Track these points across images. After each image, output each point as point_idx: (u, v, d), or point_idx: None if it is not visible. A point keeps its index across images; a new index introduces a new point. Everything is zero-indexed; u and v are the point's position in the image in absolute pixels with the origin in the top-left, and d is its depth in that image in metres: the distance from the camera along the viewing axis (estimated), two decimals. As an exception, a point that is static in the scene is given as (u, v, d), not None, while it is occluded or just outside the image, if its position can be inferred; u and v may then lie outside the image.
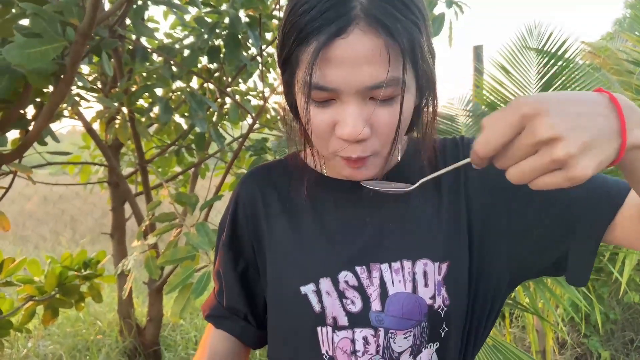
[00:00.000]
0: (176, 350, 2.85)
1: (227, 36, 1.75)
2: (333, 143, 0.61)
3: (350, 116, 0.57)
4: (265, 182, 0.76)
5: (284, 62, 0.62)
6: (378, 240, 0.68)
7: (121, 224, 2.58)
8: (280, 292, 0.69)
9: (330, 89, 0.56)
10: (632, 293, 3.14)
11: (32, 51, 0.89)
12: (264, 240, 0.73)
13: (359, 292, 0.65)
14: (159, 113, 1.69)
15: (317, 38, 0.54)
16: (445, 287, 0.65)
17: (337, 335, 0.65)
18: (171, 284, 1.55)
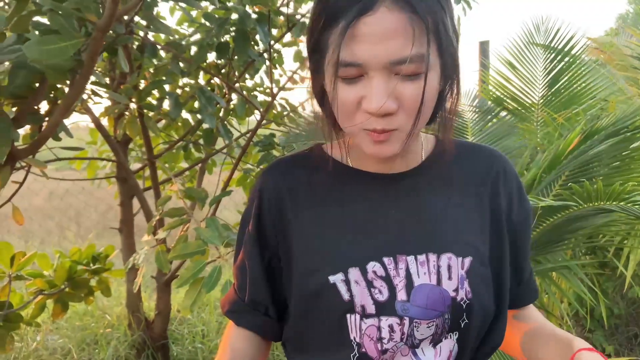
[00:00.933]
0: (183, 344, 2.87)
1: (236, 32, 1.76)
2: (359, 118, 0.63)
3: (376, 89, 0.59)
4: (289, 175, 0.77)
5: (312, 49, 0.65)
6: (404, 233, 0.70)
7: (129, 219, 2.60)
8: (309, 282, 0.71)
9: (358, 64, 0.59)
10: (637, 288, 3.16)
11: (51, 47, 0.90)
12: (290, 232, 0.74)
13: (386, 282, 0.68)
14: (169, 108, 1.71)
15: (345, 17, 0.57)
16: (467, 280, 0.68)
17: (364, 322, 0.67)
18: (182, 277, 1.57)
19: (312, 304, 0.71)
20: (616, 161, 1.81)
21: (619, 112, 1.71)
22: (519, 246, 0.77)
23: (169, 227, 1.80)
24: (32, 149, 1.26)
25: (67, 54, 0.91)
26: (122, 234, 2.62)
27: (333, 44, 0.60)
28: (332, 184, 0.75)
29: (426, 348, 0.69)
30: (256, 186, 0.80)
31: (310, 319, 0.72)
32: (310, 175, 0.76)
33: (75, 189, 3.43)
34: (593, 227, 1.72)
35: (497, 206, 0.75)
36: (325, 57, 0.63)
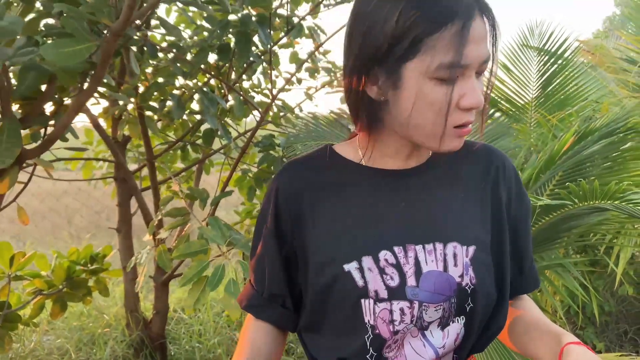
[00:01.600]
0: (181, 344, 2.89)
1: (238, 34, 1.79)
2: (454, 115, 0.68)
3: (476, 87, 0.67)
4: (303, 174, 0.82)
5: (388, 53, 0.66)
6: (413, 224, 0.75)
7: (127, 219, 2.61)
8: (325, 271, 0.75)
9: (465, 66, 0.65)
10: (627, 285, 3.22)
11: (67, 50, 0.92)
12: (306, 225, 0.79)
13: (397, 269, 0.73)
14: (171, 109, 1.73)
15: (455, 23, 0.63)
16: (472, 267, 0.74)
17: (378, 306, 0.72)
18: (186, 276, 1.58)
19: (328, 292, 0.75)
20: (609, 162, 1.86)
21: (612, 114, 1.76)
22: (520, 236, 0.83)
23: (171, 227, 1.82)
24: (40, 150, 1.27)
25: (82, 57, 0.93)
26: (120, 235, 2.62)
27: (437, 47, 0.63)
28: (345, 180, 0.80)
29: (435, 330, 0.74)
30: (273, 185, 0.83)
31: (327, 306, 0.76)
32: (324, 174, 0.81)
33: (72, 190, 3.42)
34: (587, 226, 1.77)
35: (497, 199, 0.80)
36: (409, 61, 0.65)
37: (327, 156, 0.83)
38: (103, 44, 1.00)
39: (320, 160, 0.83)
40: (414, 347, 0.74)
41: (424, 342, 0.74)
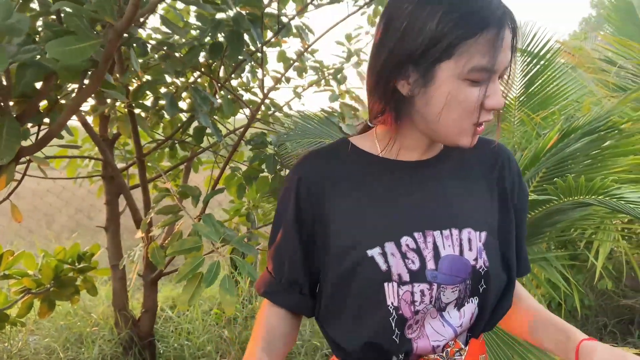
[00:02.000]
0: (169, 342, 2.89)
1: (230, 32, 1.80)
2: (475, 115, 0.74)
3: (499, 90, 0.74)
4: (323, 164, 0.87)
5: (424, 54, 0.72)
6: (430, 211, 0.81)
7: (115, 217, 2.60)
8: (348, 257, 0.80)
9: (496, 70, 0.72)
10: (606, 280, 3.32)
11: (72, 48, 0.93)
12: (328, 214, 0.83)
13: (417, 253, 0.78)
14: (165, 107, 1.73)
15: (489, 30, 0.70)
16: (485, 251, 0.81)
17: (401, 289, 0.77)
18: (181, 273, 1.59)
19: (351, 277, 0.80)
20: (589, 159, 1.93)
21: (594, 113, 1.83)
22: (519, 225, 0.90)
23: (164, 224, 1.83)
24: (37, 147, 1.28)
25: (87, 54, 0.95)
26: (108, 233, 2.62)
27: (474, 50, 0.70)
28: (365, 171, 0.85)
29: (452, 311, 0.80)
30: (292, 175, 0.87)
31: (349, 290, 0.81)
32: (343, 165, 0.86)
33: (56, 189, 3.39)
34: (570, 221, 1.83)
35: (503, 189, 0.88)
36: (444, 61, 0.71)
37: (345, 148, 0.88)
38: (106, 42, 1.02)
39: (339, 152, 0.88)
40: (434, 327, 0.80)
41: (443, 322, 0.80)
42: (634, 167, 1.97)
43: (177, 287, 3.76)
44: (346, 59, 2.80)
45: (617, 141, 1.90)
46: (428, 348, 0.80)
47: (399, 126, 0.82)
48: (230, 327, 2.97)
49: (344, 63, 2.80)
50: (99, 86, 1.12)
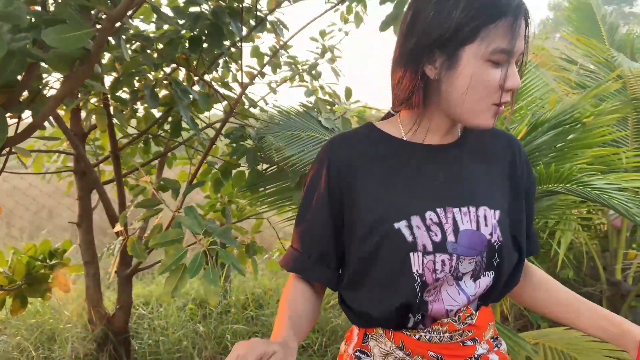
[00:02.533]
0: (143, 339, 2.87)
1: (210, 26, 1.81)
2: (494, 95, 0.83)
3: (516, 72, 0.83)
4: (352, 147, 0.95)
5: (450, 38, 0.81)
6: (451, 190, 0.90)
7: (88, 213, 2.56)
8: (376, 230, 0.87)
9: (513, 53, 0.81)
10: (567, 269, 3.48)
11: (68, 36, 0.94)
12: (357, 192, 0.91)
13: (439, 227, 0.87)
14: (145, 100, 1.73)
15: (508, 17, 0.79)
16: (499, 227, 0.89)
17: (426, 258, 0.86)
18: (164, 264, 1.60)
19: (378, 248, 0.88)
20: (556, 151, 2.03)
21: (560, 107, 1.93)
22: (528, 206, 1.00)
23: (145, 217, 1.83)
24: (21, 137, 1.26)
25: (83, 42, 0.95)
26: (80, 229, 2.57)
27: (493, 36, 0.80)
28: (390, 152, 0.93)
29: (468, 281, 0.89)
30: (324, 156, 0.95)
31: (375, 261, 0.89)
32: (371, 147, 0.94)
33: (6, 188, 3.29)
34: (537, 210, 1.93)
35: (515, 174, 0.97)
36: (468, 45, 0.81)
37: (371, 132, 0.97)
38: (100, 31, 1.02)
39: (366, 135, 0.97)
40: (450, 294, 0.89)
41: (459, 290, 0.89)
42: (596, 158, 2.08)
43: (149, 285, 3.72)
44: (320, 54, 2.84)
45: (580, 134, 2.01)
46: (442, 311, 0.89)
47: (424, 109, 0.90)
48: (206, 322, 2.97)
49: (318, 59, 2.84)
50: (89, 75, 1.12)
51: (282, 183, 2.27)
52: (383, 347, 0.94)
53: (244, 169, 2.31)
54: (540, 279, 1.05)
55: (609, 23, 3.72)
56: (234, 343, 2.76)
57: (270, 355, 0.71)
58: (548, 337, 1.99)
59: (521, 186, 0.98)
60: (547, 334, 2.04)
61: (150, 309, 3.12)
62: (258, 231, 2.64)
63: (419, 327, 0.91)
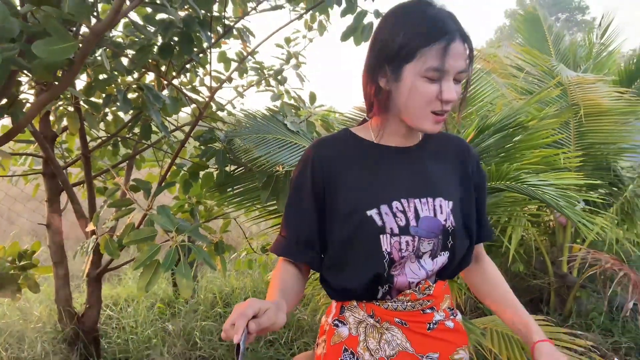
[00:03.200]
0: (111, 338, 2.92)
1: (181, 34, 1.91)
2: (434, 105, 0.98)
3: (452, 86, 0.98)
4: (332, 148, 1.12)
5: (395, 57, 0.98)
6: (413, 184, 1.08)
7: (57, 215, 2.60)
8: (352, 217, 1.05)
9: (445, 71, 0.95)
10: (518, 264, 3.71)
11: (56, 47, 1.03)
12: (336, 184, 1.08)
13: (403, 214, 1.05)
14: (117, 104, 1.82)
15: (441, 42, 0.94)
16: (452, 215, 1.08)
17: (393, 239, 1.04)
18: (139, 260, 1.68)
19: (355, 231, 1.05)
20: (502, 152, 2.22)
21: (504, 112, 2.11)
22: (479, 198, 1.18)
23: (118, 217, 1.91)
24: (4, 140, 1.34)
25: (69, 53, 1.04)
26: (49, 231, 2.61)
27: (427, 56, 0.95)
28: (363, 153, 1.10)
29: (427, 259, 1.07)
30: (307, 156, 1.12)
31: (352, 243, 1.06)
32: (347, 148, 1.12)
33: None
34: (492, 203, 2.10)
35: (466, 171, 1.15)
36: (410, 64, 0.97)
37: (346, 136, 1.14)
38: (83, 43, 1.12)
39: (343, 139, 1.14)
40: (412, 269, 1.07)
41: (419, 266, 1.07)
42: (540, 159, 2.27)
43: (115, 287, 3.75)
44: (286, 60, 2.96)
45: (524, 137, 2.20)
46: (405, 283, 1.07)
47: (385, 115, 1.07)
48: (175, 320, 3.04)
49: (284, 65, 2.96)
50: (71, 82, 1.21)
51: (249, 183, 2.38)
52: (357, 316, 1.12)
53: (212, 171, 2.41)
54: (491, 275, 1.23)
55: (555, 33, 3.99)
56: (203, 340, 2.85)
57: (265, 310, 0.85)
58: (495, 322, 2.17)
59: (471, 181, 1.15)
60: (494, 320, 2.22)
61: (119, 309, 3.17)
62: (226, 230, 2.74)
63: (387, 297, 1.08)
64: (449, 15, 0.98)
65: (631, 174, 3.77)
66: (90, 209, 2.49)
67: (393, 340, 1.09)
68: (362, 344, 1.10)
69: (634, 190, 3.52)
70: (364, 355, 1.09)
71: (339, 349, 1.12)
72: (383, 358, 1.08)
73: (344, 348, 1.11)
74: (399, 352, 1.08)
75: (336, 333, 1.14)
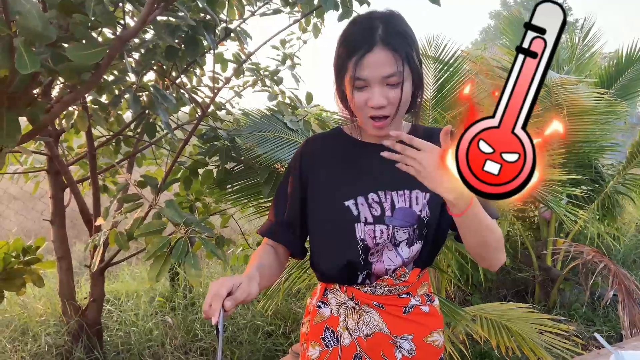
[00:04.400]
0: (112, 331, 3.00)
1: (187, 38, 2.01)
2: (367, 111, 1.07)
3: (379, 92, 1.04)
4: (322, 143, 1.25)
5: (339, 70, 1.08)
6: (390, 177, 1.13)
7: (61, 211, 2.68)
8: (331, 206, 1.16)
9: (364, 79, 1.03)
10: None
11: (87, 52, 1.12)
12: (319, 176, 1.19)
13: (379, 205, 1.15)
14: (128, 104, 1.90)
15: (358, 53, 1.02)
16: (428, 206, 1.15)
17: (367, 227, 1.14)
18: (149, 252, 1.78)
19: (333, 219, 1.17)
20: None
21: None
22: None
23: (127, 211, 2.00)
24: (29, 137, 1.43)
25: (98, 58, 1.14)
26: (53, 226, 2.69)
27: (351, 68, 1.04)
28: (347, 149, 1.21)
29: (404, 247, 1.16)
30: (300, 151, 1.25)
31: (331, 230, 1.18)
32: (333, 144, 1.23)
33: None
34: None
35: None
36: (345, 75, 1.06)
37: (336, 134, 1.25)
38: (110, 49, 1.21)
39: (334, 136, 1.25)
40: (389, 256, 1.16)
41: (396, 254, 1.15)
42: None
43: (114, 283, 3.82)
44: (281, 61, 3.06)
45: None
46: (382, 270, 1.16)
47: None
48: (175, 314, 3.13)
49: (280, 65, 3.06)
50: (97, 85, 1.30)
51: (247, 180, 2.48)
52: (338, 298, 1.22)
53: (212, 168, 2.51)
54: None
55: (539, 36, 4.13)
56: (203, 332, 2.94)
57: (238, 285, 0.95)
58: (484, 310, 2.30)
59: None
60: (483, 308, 2.35)
61: (120, 303, 3.25)
62: (225, 226, 2.84)
63: (366, 282, 1.18)
64: (371, 27, 1.03)
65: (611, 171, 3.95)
66: (94, 205, 2.57)
67: (370, 321, 1.18)
68: (342, 324, 1.20)
69: (614, 186, 3.69)
70: (343, 334, 1.19)
71: (321, 327, 1.22)
72: (360, 337, 1.18)
73: (325, 327, 1.22)
74: (375, 333, 1.17)
75: (319, 313, 1.24)
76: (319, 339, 1.22)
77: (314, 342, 1.23)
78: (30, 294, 3.14)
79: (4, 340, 2.65)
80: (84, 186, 2.98)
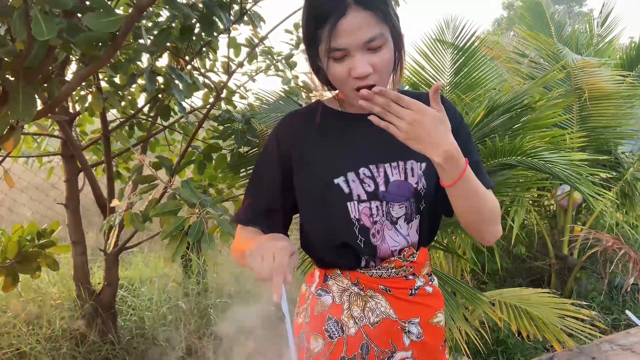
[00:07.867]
0: (126, 316, 3.00)
1: (202, 17, 1.98)
2: (350, 82, 0.96)
3: (359, 62, 0.93)
4: (301, 119, 1.13)
5: (309, 43, 0.97)
6: (382, 149, 1.06)
7: (75, 195, 2.67)
8: (319, 184, 1.06)
9: (342, 49, 0.92)
10: (520, 246, 3.81)
11: (105, 20, 1.10)
12: (303, 154, 1.09)
13: (372, 180, 1.05)
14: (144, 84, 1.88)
15: (329, 21, 0.90)
16: (424, 177, 1.07)
17: (361, 205, 1.05)
18: (165, 232, 1.76)
19: (323, 200, 1.07)
20: (510, 131, 2.30)
21: (512, 93, 2.19)
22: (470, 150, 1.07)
23: (142, 192, 1.98)
24: (45, 112, 1.41)
25: (117, 26, 1.11)
26: (68, 210, 2.68)
27: (324, 38, 0.92)
28: (330, 123, 1.10)
29: (402, 224, 1.07)
30: (276, 129, 1.14)
31: (322, 212, 1.08)
32: (314, 119, 1.11)
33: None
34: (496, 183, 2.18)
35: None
36: (318, 47, 0.95)
37: (317, 108, 1.13)
38: (127, 18, 1.19)
39: (312, 110, 1.13)
40: (391, 236, 1.08)
41: (396, 232, 1.07)
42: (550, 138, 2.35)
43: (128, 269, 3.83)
44: (295, 45, 3.02)
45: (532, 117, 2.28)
46: (388, 251, 1.08)
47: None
48: (188, 299, 3.13)
49: (293, 49, 3.02)
50: (113, 57, 1.28)
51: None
52: (340, 285, 1.12)
53: (225, 153, 2.48)
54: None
55: (557, 21, 4.07)
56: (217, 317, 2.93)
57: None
58: (502, 295, 2.26)
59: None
60: (501, 293, 2.31)
61: (134, 289, 3.25)
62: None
63: (371, 265, 1.09)
64: None
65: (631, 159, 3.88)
66: (109, 188, 2.56)
67: (377, 307, 1.09)
68: (346, 312, 1.10)
69: (633, 173, 3.62)
70: (348, 323, 1.09)
71: (323, 317, 1.11)
72: (367, 325, 1.09)
73: (327, 316, 1.11)
74: (382, 320, 1.09)
75: (319, 302, 1.13)
76: (321, 330, 1.11)
77: (317, 335, 1.12)
78: (44, 278, 3.15)
79: (19, 324, 2.66)
80: (97, 172, 2.98)
